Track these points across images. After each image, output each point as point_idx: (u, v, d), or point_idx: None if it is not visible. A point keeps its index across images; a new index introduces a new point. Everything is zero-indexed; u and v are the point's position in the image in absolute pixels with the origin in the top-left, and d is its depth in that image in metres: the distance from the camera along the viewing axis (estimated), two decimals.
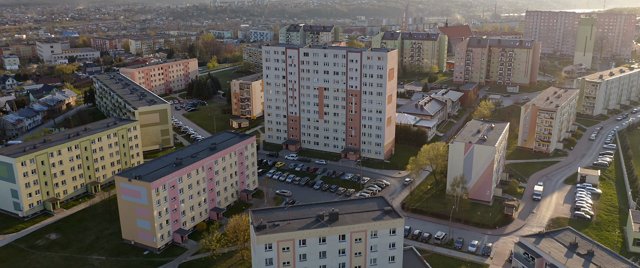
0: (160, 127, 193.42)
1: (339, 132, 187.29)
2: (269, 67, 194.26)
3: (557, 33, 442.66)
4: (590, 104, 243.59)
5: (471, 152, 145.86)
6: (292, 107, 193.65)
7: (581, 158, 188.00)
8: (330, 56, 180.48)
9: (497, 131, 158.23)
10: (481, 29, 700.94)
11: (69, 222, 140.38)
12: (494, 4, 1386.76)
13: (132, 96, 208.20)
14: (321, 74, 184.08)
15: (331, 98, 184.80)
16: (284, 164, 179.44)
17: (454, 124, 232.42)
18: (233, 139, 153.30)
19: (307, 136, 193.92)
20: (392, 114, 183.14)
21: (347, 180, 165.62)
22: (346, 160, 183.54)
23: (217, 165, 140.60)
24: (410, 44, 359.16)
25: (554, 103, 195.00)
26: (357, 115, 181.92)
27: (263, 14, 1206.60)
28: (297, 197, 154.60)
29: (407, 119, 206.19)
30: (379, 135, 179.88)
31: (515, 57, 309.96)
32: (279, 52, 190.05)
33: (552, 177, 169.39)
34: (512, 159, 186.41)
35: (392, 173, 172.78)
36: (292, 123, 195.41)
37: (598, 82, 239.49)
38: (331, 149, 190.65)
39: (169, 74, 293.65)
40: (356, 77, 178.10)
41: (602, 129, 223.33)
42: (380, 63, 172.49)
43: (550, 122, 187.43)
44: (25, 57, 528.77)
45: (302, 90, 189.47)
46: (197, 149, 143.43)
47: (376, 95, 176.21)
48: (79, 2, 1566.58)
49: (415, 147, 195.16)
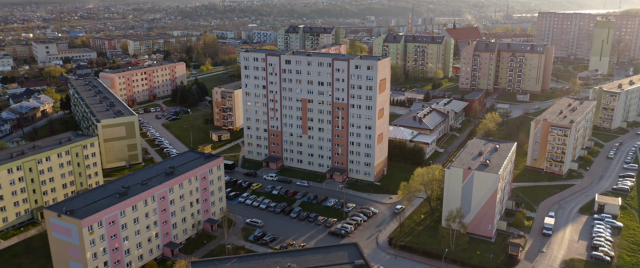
0: (126, 142, 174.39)
1: (324, 149, 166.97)
2: (248, 76, 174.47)
3: (571, 35, 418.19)
4: (608, 116, 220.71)
5: (470, 179, 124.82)
6: (274, 120, 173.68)
7: (598, 181, 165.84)
8: (315, 64, 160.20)
9: (502, 153, 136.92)
10: (492, 30, 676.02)
11: (1, 258, 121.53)
12: (506, 4, 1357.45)
13: (100, 106, 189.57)
14: (305, 84, 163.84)
15: (316, 111, 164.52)
16: (261, 186, 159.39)
17: (457, 137, 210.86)
18: (196, 161, 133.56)
19: (290, 153, 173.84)
20: (383, 130, 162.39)
21: (330, 206, 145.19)
22: (331, 182, 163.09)
23: (173, 193, 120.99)
24: (414, 47, 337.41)
25: (568, 118, 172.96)
26: (344, 131, 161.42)
27: (272, 14, 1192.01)
28: (270, 227, 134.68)
29: (403, 134, 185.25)
30: (368, 154, 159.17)
31: (526, 63, 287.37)
32: (259, 59, 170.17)
33: (565, 205, 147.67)
34: (519, 181, 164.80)
35: (382, 198, 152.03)
36: (274, 138, 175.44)
37: (617, 92, 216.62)
38: (316, 168, 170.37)
39: (153, 79, 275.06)
40: (343, 89, 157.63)
41: (622, 145, 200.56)
42: (369, 73, 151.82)
43: (563, 139, 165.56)
44: (21, 57, 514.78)
45: (284, 101, 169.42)
46: (151, 174, 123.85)
47: (365, 109, 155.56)
48: (89, 1, 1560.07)
49: (411, 165, 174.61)
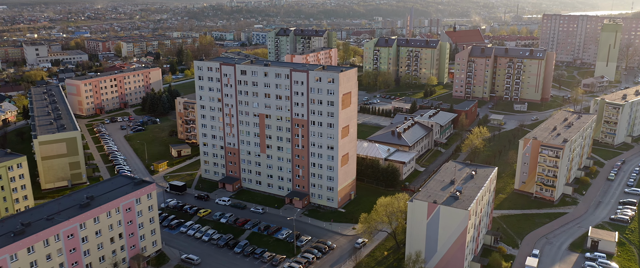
0: (68, 160, 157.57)
1: (284, 170, 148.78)
2: (203, 87, 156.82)
3: (577, 39, 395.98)
4: (610, 130, 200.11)
5: (436, 215, 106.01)
6: (230, 136, 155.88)
7: (595, 209, 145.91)
8: (272, 76, 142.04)
9: (478, 181, 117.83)
10: (497, 32, 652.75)
11: None
12: (516, 5, 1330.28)
13: (45, 119, 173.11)
14: (262, 97, 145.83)
15: (274, 128, 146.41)
16: (210, 212, 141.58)
17: (442, 154, 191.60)
18: (123, 189, 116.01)
19: (248, 173, 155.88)
20: (350, 150, 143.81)
21: (282, 239, 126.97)
22: (290, 208, 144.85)
23: (86, 229, 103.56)
24: (407, 51, 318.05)
25: (561, 136, 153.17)
26: (304, 151, 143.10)
27: (279, 15, 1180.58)
28: (207, 264, 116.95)
29: (378, 151, 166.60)
30: (331, 177, 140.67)
31: (525, 69, 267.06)
32: (213, 69, 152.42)
33: (554, 240, 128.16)
34: (504, 209, 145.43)
35: (345, 229, 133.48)
36: (231, 156, 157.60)
37: (620, 104, 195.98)
38: (276, 191, 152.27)
39: (124, 86, 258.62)
40: (303, 103, 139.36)
41: (624, 164, 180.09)
42: (331, 86, 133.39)
43: (555, 162, 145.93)
44: (12, 59, 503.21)
45: (241, 116, 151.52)
46: (63, 206, 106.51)
47: (327, 127, 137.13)
48: (98, 1, 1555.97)
49: (384, 188, 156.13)
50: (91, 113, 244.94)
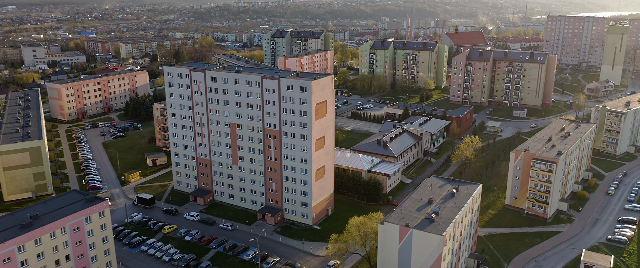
0: (32, 170, 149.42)
1: (257, 183, 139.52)
2: (173, 94, 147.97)
3: (583, 41, 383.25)
4: (612, 139, 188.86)
5: (409, 239, 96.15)
6: (202, 146, 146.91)
7: (591, 227, 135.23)
8: (243, 83, 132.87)
9: (458, 201, 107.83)
10: (503, 34, 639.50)
11: None
12: (525, 6, 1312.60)
13: (13, 126, 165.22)
14: (233, 106, 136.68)
15: (246, 138, 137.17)
16: (175, 229, 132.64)
17: (432, 164, 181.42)
18: (73, 206, 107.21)
19: (221, 186, 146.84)
20: (326, 162, 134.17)
21: (247, 260, 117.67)
22: (262, 223, 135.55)
23: (25, 252, 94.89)
24: (404, 54, 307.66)
25: (556, 148, 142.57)
26: (277, 164, 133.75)
27: (285, 15, 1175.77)
28: None
29: (361, 163, 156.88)
30: (305, 192, 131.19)
31: (525, 74, 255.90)
32: (183, 75, 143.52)
33: (544, 263, 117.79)
34: (492, 226, 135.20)
35: (317, 249, 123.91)
36: (203, 167, 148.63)
37: (623, 112, 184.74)
38: (249, 205, 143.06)
39: (108, 90, 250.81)
40: (274, 113, 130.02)
41: (626, 176, 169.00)
42: (303, 95, 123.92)
43: (548, 176, 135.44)
44: (11, 60, 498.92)
45: (212, 126, 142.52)
46: (2, 227, 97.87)
47: (299, 139, 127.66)
48: (106, 1, 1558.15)
49: (366, 202, 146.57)
50: (73, 118, 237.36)
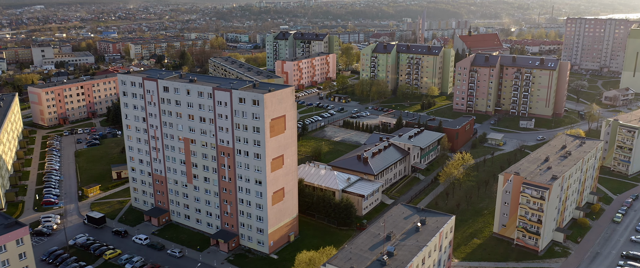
0: None
1: (211, 205, 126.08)
2: (127, 104, 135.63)
3: (604, 45, 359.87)
4: (624, 157, 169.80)
5: None
6: (157, 162, 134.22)
7: (589, 263, 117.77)
8: (194, 94, 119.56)
9: (422, 237, 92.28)
10: (523, 36, 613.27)
11: None
12: (552, 7, 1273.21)
13: None
14: (185, 119, 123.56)
15: (199, 155, 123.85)
16: (118, 254, 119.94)
17: (420, 181, 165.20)
18: None
19: (176, 205, 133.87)
20: (285, 184, 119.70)
21: None
22: (215, 250, 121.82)
23: None
24: (407, 58, 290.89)
25: (552, 170, 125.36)
26: (232, 184, 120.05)
27: (306, 15, 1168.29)
28: None
29: (336, 181, 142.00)
30: (260, 217, 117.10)
31: (534, 81, 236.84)
32: (136, 84, 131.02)
33: None
34: (475, 260, 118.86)
35: None
36: (159, 185, 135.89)
37: (636, 127, 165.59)
38: (204, 228, 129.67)
39: (92, 94, 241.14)
40: (227, 128, 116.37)
41: (636, 200, 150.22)
42: (256, 110, 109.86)
43: (540, 204, 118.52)
44: (22, 60, 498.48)
45: (166, 140, 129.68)
46: None
47: (253, 158, 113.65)
48: (131, 1, 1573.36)
49: (336, 227, 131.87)
50: (54, 123, 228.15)
